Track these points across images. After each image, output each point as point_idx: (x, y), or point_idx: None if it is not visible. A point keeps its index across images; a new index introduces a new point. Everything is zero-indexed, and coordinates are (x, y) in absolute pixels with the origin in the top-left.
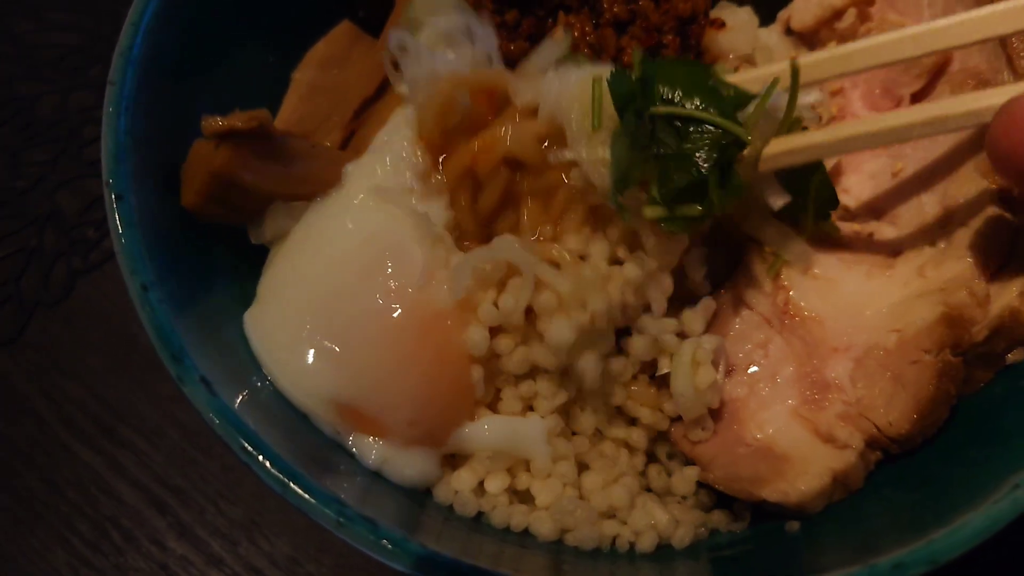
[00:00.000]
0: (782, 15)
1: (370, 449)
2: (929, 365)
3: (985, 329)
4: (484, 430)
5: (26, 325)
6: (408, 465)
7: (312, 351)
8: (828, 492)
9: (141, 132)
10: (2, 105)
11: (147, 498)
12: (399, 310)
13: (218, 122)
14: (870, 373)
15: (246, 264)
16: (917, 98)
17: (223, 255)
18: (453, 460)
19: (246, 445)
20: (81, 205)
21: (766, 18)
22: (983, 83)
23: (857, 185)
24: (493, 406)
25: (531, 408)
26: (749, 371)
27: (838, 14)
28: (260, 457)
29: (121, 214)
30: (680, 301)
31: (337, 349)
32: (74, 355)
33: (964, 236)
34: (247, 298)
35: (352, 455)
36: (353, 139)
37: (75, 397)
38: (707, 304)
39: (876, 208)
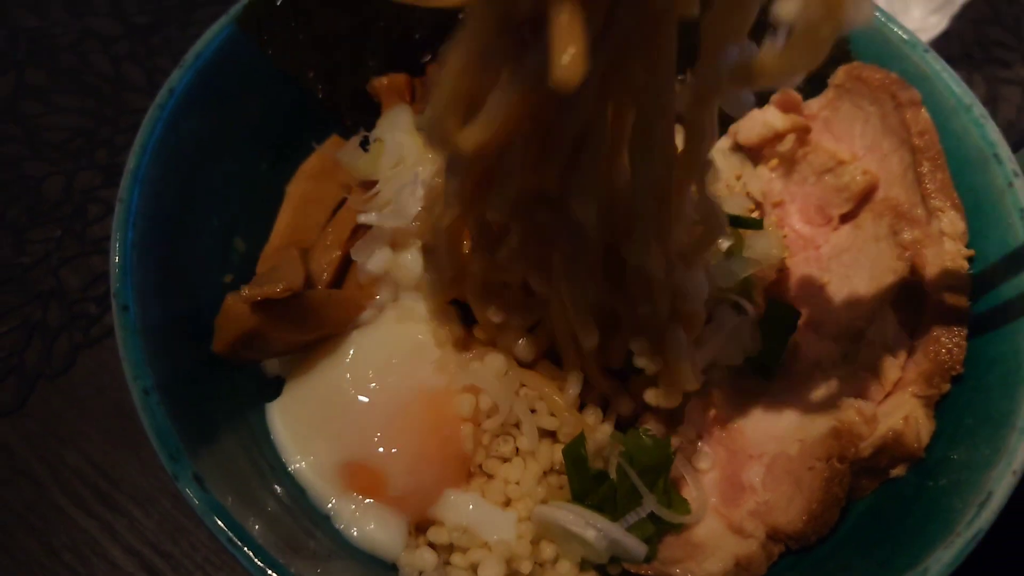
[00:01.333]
0: (733, 128)
1: (349, 513)
2: (820, 471)
3: (870, 447)
4: (469, 508)
5: (28, 396)
6: (381, 529)
7: (329, 422)
8: (731, 574)
9: (146, 246)
10: (10, 185)
11: (139, 563)
12: (402, 389)
13: (258, 291)
14: (776, 477)
15: (246, 369)
16: (845, 219)
17: (221, 361)
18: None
19: (233, 538)
20: (84, 281)
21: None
22: (900, 215)
23: (790, 291)
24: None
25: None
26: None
27: (779, 136)
28: (245, 549)
29: (125, 323)
30: None
31: (351, 419)
32: (73, 425)
33: (867, 355)
34: (247, 400)
35: (330, 535)
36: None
37: (73, 465)
38: None
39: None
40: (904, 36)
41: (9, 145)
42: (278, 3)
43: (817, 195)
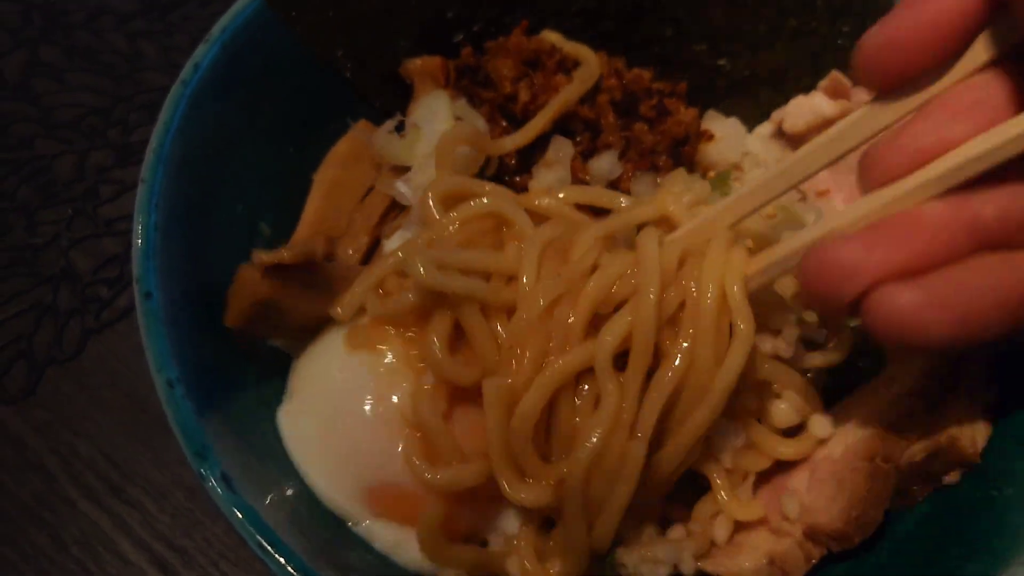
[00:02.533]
0: (776, 115)
1: (384, 533)
2: (862, 470)
3: (923, 451)
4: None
5: (38, 382)
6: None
7: (348, 440)
8: (764, 572)
9: (170, 229)
10: (22, 165)
11: (151, 558)
12: None
13: (268, 256)
14: (820, 479)
15: (274, 361)
16: None
17: (250, 352)
18: None
19: (263, 542)
20: (95, 264)
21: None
22: None
23: None
24: None
25: None
26: None
27: (828, 123)
28: (276, 555)
29: (149, 311)
30: None
31: (375, 434)
32: (84, 413)
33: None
34: (274, 395)
35: (368, 548)
36: (378, 247)
37: (84, 455)
38: None
39: None
40: None
41: (21, 124)
42: None
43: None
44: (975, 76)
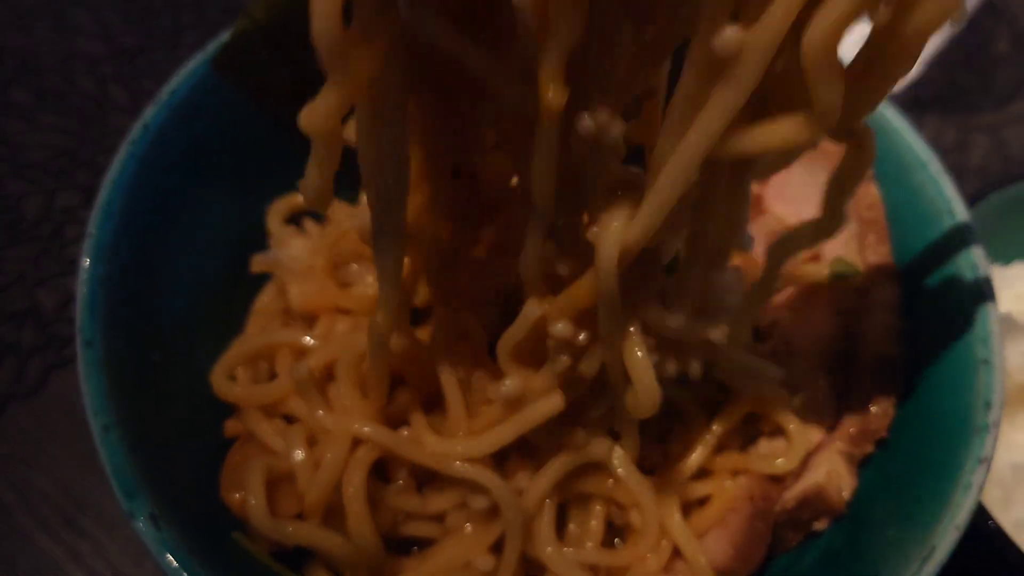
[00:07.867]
0: None
1: None
2: (743, 510)
3: (794, 499)
4: None
5: None
6: None
7: None
8: None
9: (115, 281)
10: None
11: None
12: None
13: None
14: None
15: (210, 411)
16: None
17: (186, 401)
18: None
19: None
20: (59, 302)
21: None
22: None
23: None
24: None
25: None
26: None
27: None
28: None
29: (88, 359)
30: None
31: None
32: (41, 447)
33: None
34: (207, 443)
35: None
36: None
37: (39, 487)
38: None
39: None
40: None
41: None
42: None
43: (760, 256)
44: None
